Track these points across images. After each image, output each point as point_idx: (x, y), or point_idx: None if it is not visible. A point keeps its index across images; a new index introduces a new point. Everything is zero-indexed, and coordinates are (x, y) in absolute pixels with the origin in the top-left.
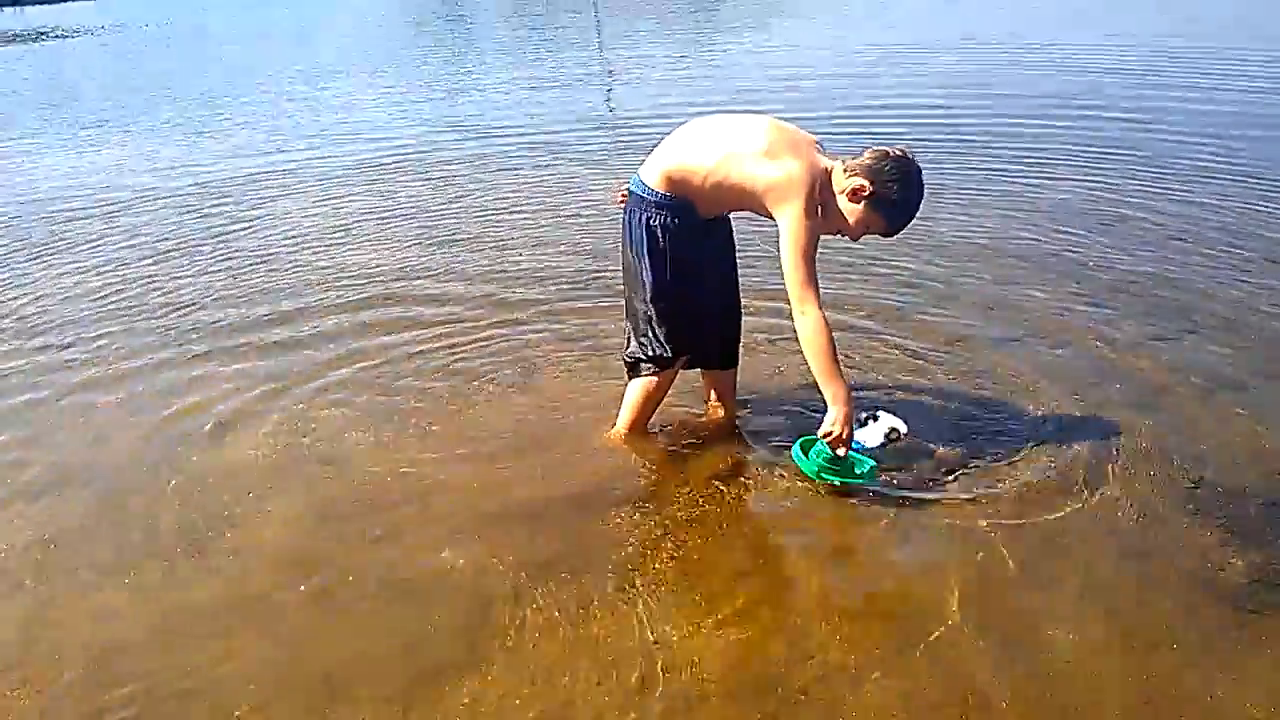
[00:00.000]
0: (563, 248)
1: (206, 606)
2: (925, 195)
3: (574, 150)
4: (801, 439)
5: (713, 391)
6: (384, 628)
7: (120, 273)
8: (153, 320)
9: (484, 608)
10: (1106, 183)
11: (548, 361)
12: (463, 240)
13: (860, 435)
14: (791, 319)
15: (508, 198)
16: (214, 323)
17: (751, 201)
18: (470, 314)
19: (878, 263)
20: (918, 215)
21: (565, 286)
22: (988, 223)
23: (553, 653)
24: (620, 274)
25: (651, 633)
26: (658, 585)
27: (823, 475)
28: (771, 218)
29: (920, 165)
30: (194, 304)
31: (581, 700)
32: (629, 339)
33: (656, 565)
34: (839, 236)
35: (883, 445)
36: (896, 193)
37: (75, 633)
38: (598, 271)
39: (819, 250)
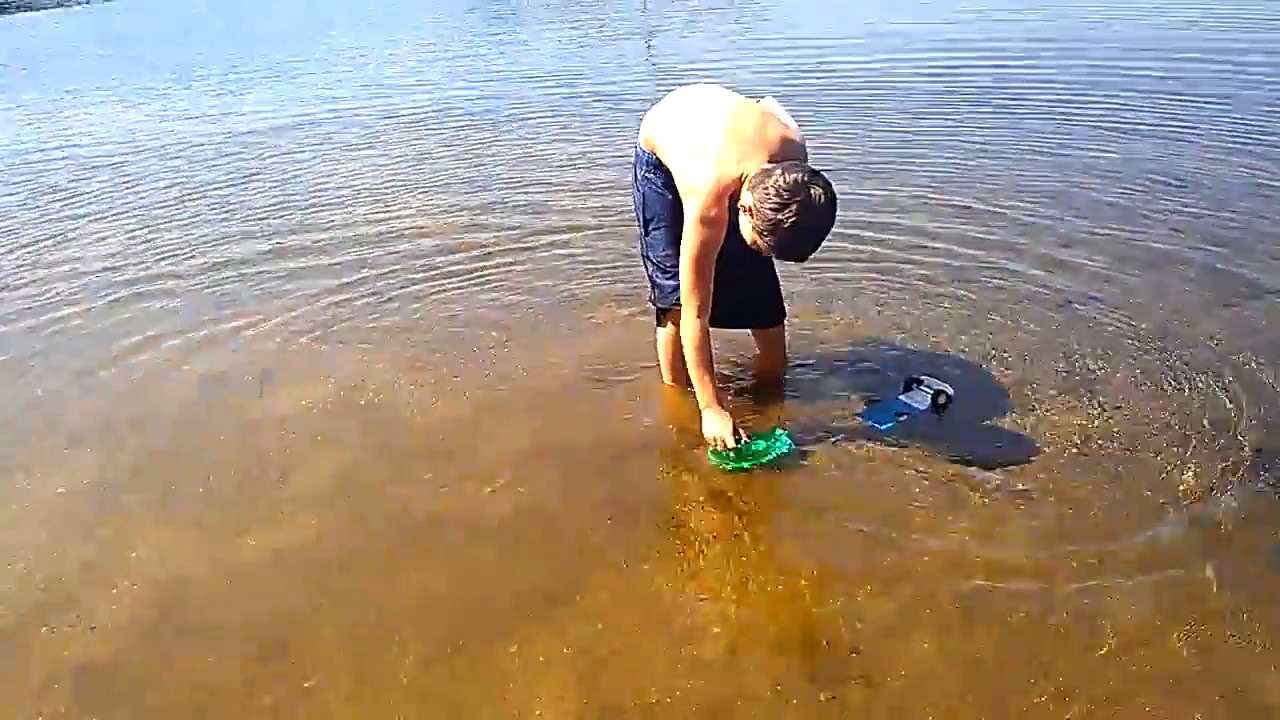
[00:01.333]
0: (611, 197)
1: (262, 551)
2: (814, 229)
3: (614, 100)
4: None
5: (760, 347)
6: (434, 578)
7: (157, 223)
8: (191, 272)
9: (532, 560)
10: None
11: (594, 309)
12: (502, 187)
13: (908, 399)
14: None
15: (549, 147)
16: (254, 274)
17: None
18: (512, 260)
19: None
20: (819, 246)
21: (609, 234)
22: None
23: (600, 605)
24: None
25: (699, 586)
26: (701, 540)
27: (739, 466)
28: None
29: (821, 198)
30: (233, 259)
31: (630, 651)
32: None
33: (699, 521)
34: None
35: (932, 410)
36: (769, 219)
37: (137, 576)
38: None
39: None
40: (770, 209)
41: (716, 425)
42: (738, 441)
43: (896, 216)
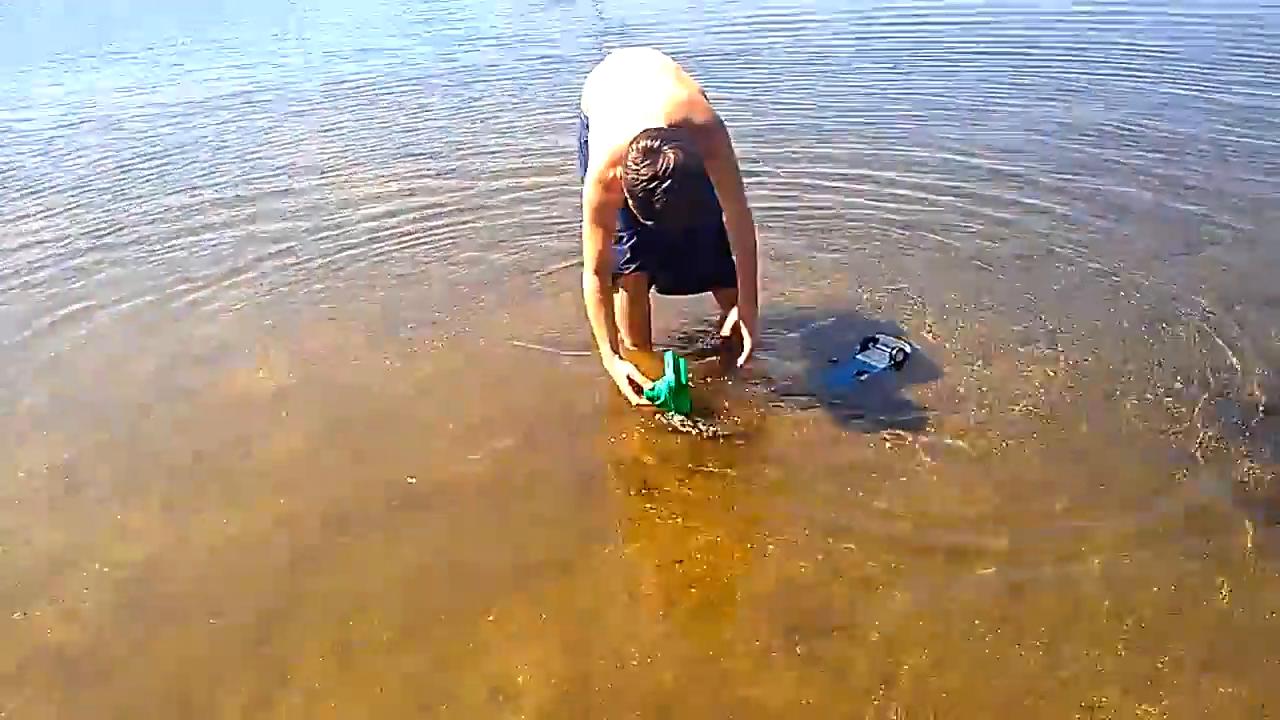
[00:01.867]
0: (560, 159)
1: (233, 529)
2: (665, 193)
3: (562, 62)
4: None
5: (722, 308)
6: (408, 551)
7: (93, 196)
8: (132, 244)
9: (505, 530)
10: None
11: (548, 272)
12: (450, 151)
13: (866, 358)
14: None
15: (497, 110)
16: (197, 243)
17: None
18: (462, 224)
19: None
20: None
21: (559, 196)
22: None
23: (576, 571)
24: None
25: (673, 548)
26: (672, 503)
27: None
28: None
29: (668, 165)
30: (175, 229)
31: (607, 615)
32: None
33: (669, 484)
34: None
35: (890, 367)
36: (628, 185)
37: (108, 558)
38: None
39: None
40: (630, 176)
41: (615, 377)
42: (639, 391)
43: (855, 170)
